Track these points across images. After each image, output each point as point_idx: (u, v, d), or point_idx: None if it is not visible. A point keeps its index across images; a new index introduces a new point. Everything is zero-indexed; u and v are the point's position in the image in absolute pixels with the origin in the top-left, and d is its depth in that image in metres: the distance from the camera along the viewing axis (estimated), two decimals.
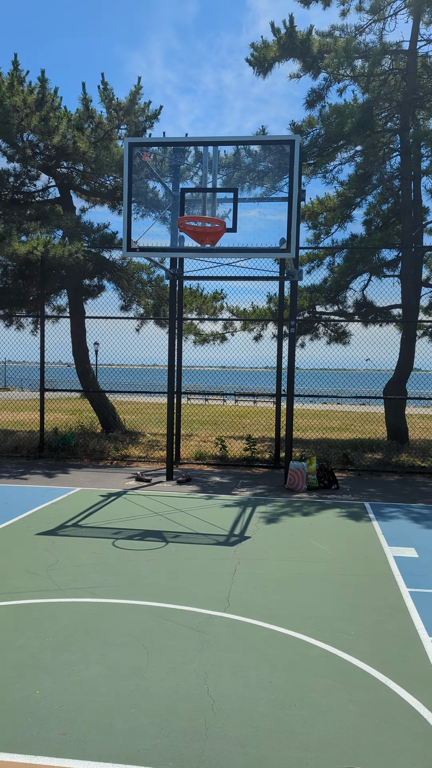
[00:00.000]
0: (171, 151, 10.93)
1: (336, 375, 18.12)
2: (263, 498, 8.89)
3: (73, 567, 5.59)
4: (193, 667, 3.76)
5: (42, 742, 2.97)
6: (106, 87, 11.83)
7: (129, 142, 7.82)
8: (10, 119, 10.59)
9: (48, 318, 13.39)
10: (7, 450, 12.57)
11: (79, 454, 12.33)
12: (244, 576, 5.45)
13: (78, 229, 12.47)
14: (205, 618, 4.51)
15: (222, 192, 7.76)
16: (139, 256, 8.20)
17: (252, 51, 11.62)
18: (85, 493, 8.94)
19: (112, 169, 12.26)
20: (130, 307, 14.79)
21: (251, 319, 15.23)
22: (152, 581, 5.26)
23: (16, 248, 10.05)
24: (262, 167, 12.30)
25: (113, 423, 14.52)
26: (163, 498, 8.76)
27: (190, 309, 15.49)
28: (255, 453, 12.19)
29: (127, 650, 3.96)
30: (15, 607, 4.63)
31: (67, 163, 12.81)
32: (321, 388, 23.78)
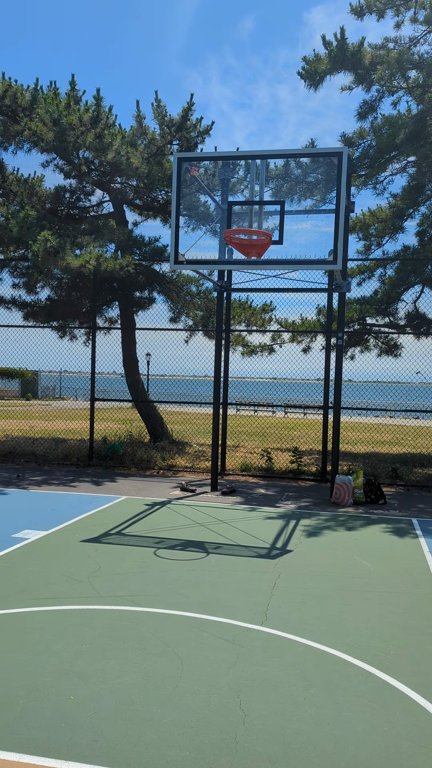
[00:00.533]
0: (221, 165, 11.06)
1: (387, 388, 17.80)
2: (308, 511, 8.80)
3: (114, 575, 5.67)
4: (226, 679, 3.75)
5: (73, 747, 3.02)
6: (159, 104, 12.08)
7: (178, 157, 7.95)
8: (66, 137, 10.93)
9: (99, 329, 13.68)
10: (58, 458, 12.86)
11: (127, 462, 12.51)
12: (283, 590, 5.41)
13: (130, 242, 12.73)
14: (241, 631, 4.49)
15: (269, 204, 7.79)
16: (185, 268, 8.31)
17: (303, 64, 11.64)
18: (130, 502, 9.06)
19: (164, 183, 12.48)
20: (179, 319, 14.96)
21: (299, 330, 15.16)
22: (191, 592, 5.28)
23: (70, 262, 10.33)
24: (312, 179, 12.27)
25: (161, 433, 14.67)
26: (206, 509, 8.78)
27: (239, 321, 15.54)
28: (301, 465, 12.08)
29: (162, 660, 3.98)
30: (55, 613, 4.73)
31: (121, 179, 13.11)
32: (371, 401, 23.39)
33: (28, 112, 11.73)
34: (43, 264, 10.15)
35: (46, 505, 8.66)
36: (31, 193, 12.11)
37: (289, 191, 12.10)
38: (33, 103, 11.60)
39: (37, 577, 5.55)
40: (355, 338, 15.06)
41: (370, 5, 11.38)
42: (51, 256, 10.00)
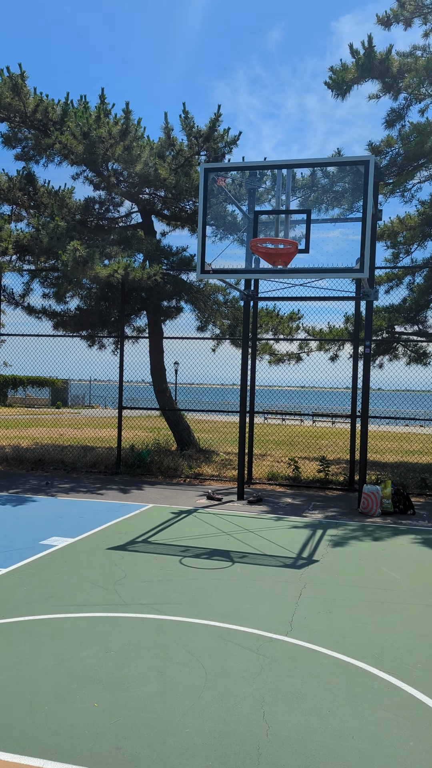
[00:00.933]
0: (247, 175, 11.11)
1: (416, 396, 17.59)
2: (335, 521, 8.72)
3: (139, 582, 5.70)
4: (250, 690, 3.74)
5: (96, 755, 3.04)
6: (187, 115, 12.20)
7: (204, 168, 8.02)
8: (96, 150, 11.11)
9: (128, 338, 13.82)
10: (86, 465, 12.99)
11: (154, 470, 12.56)
12: (309, 600, 5.37)
13: (158, 252, 12.85)
14: (266, 641, 4.47)
15: (295, 213, 7.80)
16: (212, 277, 8.36)
17: (330, 74, 11.67)
18: (157, 510, 9.09)
19: (191, 194, 12.59)
20: (206, 328, 15.02)
21: (326, 339, 15.09)
22: (216, 601, 5.28)
23: (98, 271, 10.47)
24: (339, 188, 12.25)
25: (188, 441, 14.71)
26: (232, 517, 8.77)
27: (266, 329, 15.53)
28: (329, 475, 11.99)
29: (185, 669, 3.99)
30: (81, 620, 4.77)
31: (149, 190, 13.27)
32: (400, 410, 23.10)
33: (59, 125, 11.96)
34: (72, 274, 10.31)
35: (73, 512, 8.75)
36: (61, 205, 12.32)
37: (316, 200, 12.09)
38: (64, 117, 11.83)
39: (63, 584, 5.60)
40: (383, 346, 14.92)
41: (397, 15, 11.36)
42: (80, 265, 10.15)
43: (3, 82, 11.59)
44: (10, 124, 12.72)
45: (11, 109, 11.86)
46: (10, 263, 11.53)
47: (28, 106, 11.82)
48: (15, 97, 11.64)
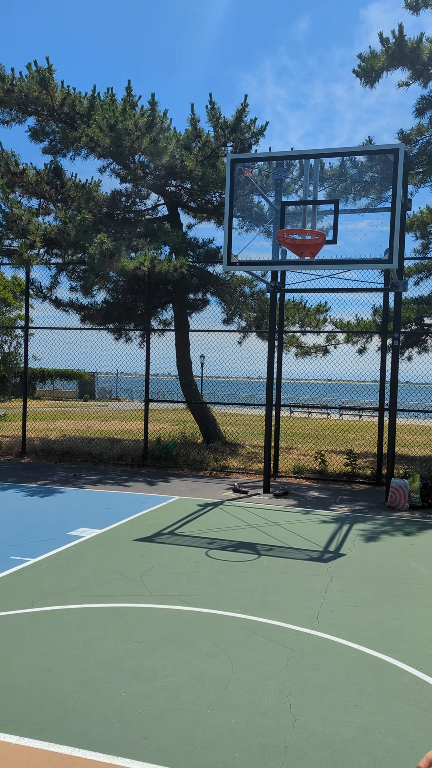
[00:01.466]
0: (274, 165, 11.00)
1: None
2: (362, 515, 8.65)
3: (166, 574, 5.71)
4: (276, 683, 3.72)
5: (123, 743, 3.06)
6: (214, 106, 12.12)
7: (231, 158, 7.96)
8: (123, 142, 11.11)
9: (154, 331, 13.85)
10: (113, 458, 13.08)
11: (180, 463, 12.60)
12: (336, 594, 5.33)
13: (184, 244, 12.82)
14: (292, 634, 4.45)
15: (323, 204, 7.70)
16: (238, 269, 8.31)
17: (359, 62, 11.46)
18: (183, 502, 9.12)
19: (217, 185, 12.52)
20: (232, 320, 14.98)
21: (354, 331, 14.92)
22: (242, 593, 5.27)
23: (125, 264, 10.49)
24: (368, 177, 12.07)
25: (214, 434, 14.71)
26: (258, 510, 8.75)
27: (293, 322, 15.43)
28: (356, 468, 11.88)
29: (212, 660, 3.99)
30: (108, 610, 4.81)
31: (176, 182, 13.24)
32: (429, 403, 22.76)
33: (86, 118, 11.99)
34: (99, 266, 10.35)
35: (101, 504, 8.82)
36: (88, 198, 12.37)
37: (345, 191, 11.93)
38: (90, 110, 11.85)
39: (91, 574, 5.65)
40: (412, 339, 14.71)
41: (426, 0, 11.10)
42: (107, 258, 10.18)
43: (31, 76, 11.65)
44: (37, 118, 12.79)
45: (39, 102, 11.93)
46: (38, 256, 11.63)
47: (55, 99, 11.87)
48: (43, 90, 11.70)
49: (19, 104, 12.07)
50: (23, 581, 5.41)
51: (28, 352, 13.75)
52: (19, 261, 10.73)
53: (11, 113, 12.39)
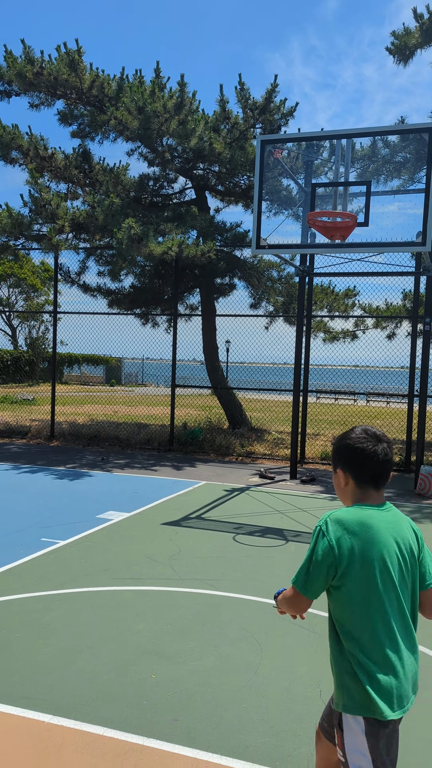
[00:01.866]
0: (304, 147, 10.82)
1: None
2: (391, 502, 8.55)
3: (194, 558, 5.73)
4: (305, 668, 3.70)
5: (154, 726, 3.07)
6: (243, 87, 11.95)
7: (261, 140, 7.83)
8: (151, 125, 11.03)
9: (181, 316, 13.84)
10: (140, 442, 13.15)
11: (206, 448, 12.61)
12: None
13: (211, 228, 12.73)
14: (321, 620, 4.42)
15: (354, 185, 7.55)
16: (267, 253, 8.21)
17: (393, 39, 11.19)
18: (209, 487, 9.13)
19: (246, 168, 12.38)
20: (259, 305, 14.87)
21: (383, 316, 14.71)
22: (270, 578, 5.25)
23: (153, 248, 10.45)
24: (400, 158, 11.80)
25: (240, 420, 14.68)
26: (285, 496, 8.72)
27: (321, 306, 15.27)
28: None
29: (241, 645, 3.98)
30: (137, 593, 4.83)
31: (203, 165, 13.12)
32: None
33: (114, 101, 11.92)
34: (127, 251, 10.33)
35: (128, 487, 8.87)
36: (116, 182, 12.33)
37: (376, 172, 11.69)
38: (119, 92, 11.77)
39: (120, 557, 5.69)
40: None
41: None
42: (135, 243, 10.16)
43: (60, 58, 11.60)
44: (66, 101, 12.76)
45: (68, 85, 11.88)
46: (67, 241, 11.65)
47: (84, 82, 11.81)
48: (72, 73, 11.64)
49: (48, 87, 12.03)
50: (54, 563, 5.47)
51: (57, 337, 13.84)
52: (48, 246, 10.76)
53: (40, 97, 12.37)
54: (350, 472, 2.06)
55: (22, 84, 11.94)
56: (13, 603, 4.55)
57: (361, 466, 2.04)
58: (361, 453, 2.03)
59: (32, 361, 40.33)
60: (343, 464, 2.08)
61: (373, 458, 2.03)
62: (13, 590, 4.79)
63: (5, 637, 3.99)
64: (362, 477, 2.05)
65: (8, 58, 11.91)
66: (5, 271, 39.06)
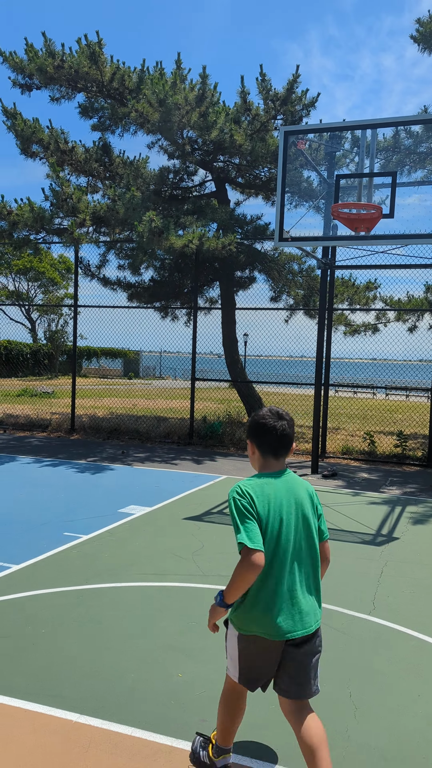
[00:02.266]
0: (327, 138, 10.67)
1: None
2: (414, 498, 8.46)
3: (217, 554, 5.70)
4: (335, 669, 3.65)
5: (183, 726, 3.04)
6: (264, 78, 11.81)
7: (285, 131, 7.74)
8: (172, 117, 10.95)
9: (201, 309, 13.78)
10: (160, 436, 13.15)
11: (226, 442, 12.58)
12: (391, 579, 5.21)
13: (232, 221, 12.64)
14: (349, 619, 4.37)
15: (379, 176, 7.42)
16: (291, 245, 8.12)
17: (417, 27, 10.98)
18: (230, 482, 9.09)
19: (267, 160, 12.26)
20: (280, 298, 14.76)
21: (406, 309, 14.53)
22: None
23: (173, 242, 10.40)
24: (424, 148, 11.61)
25: None
26: None
27: (342, 299, 15.12)
28: (406, 450, 11.64)
29: None
30: (162, 589, 4.81)
31: (224, 157, 13.02)
32: None
33: (135, 93, 11.85)
34: (147, 244, 10.29)
35: (149, 481, 8.87)
36: (136, 175, 12.28)
37: (399, 163, 11.51)
38: (140, 85, 11.70)
39: (143, 552, 5.68)
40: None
41: None
42: (155, 236, 10.11)
43: (81, 50, 11.55)
44: (87, 94, 12.72)
45: (88, 78, 11.84)
46: (87, 235, 11.64)
47: (105, 74, 11.75)
48: (92, 65, 11.59)
49: (68, 80, 12.00)
50: (78, 558, 5.47)
51: (77, 331, 13.86)
52: (70, 239, 10.76)
53: (61, 90, 12.34)
54: (255, 443, 2.52)
55: (43, 78, 11.92)
56: (39, 598, 4.55)
57: (263, 438, 2.49)
58: (263, 427, 2.49)
59: (51, 354, 40.60)
60: (251, 437, 2.54)
61: (273, 432, 2.47)
62: (38, 585, 4.80)
63: (32, 632, 3.99)
64: (264, 448, 2.50)
65: (29, 52, 11.90)
66: (24, 264, 39.30)
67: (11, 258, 37.67)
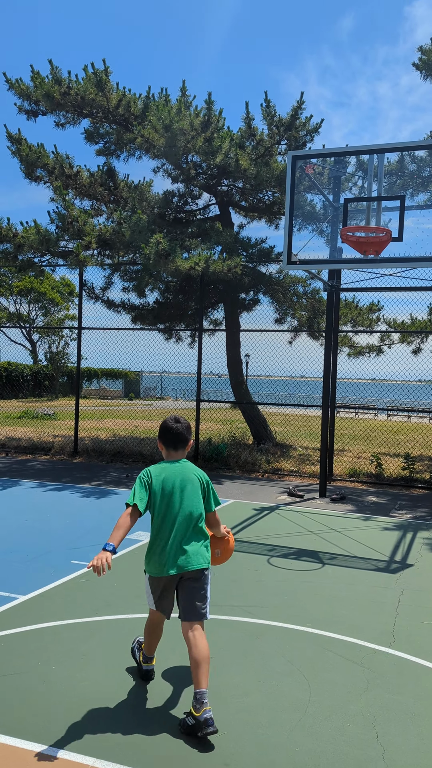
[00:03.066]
0: (331, 162, 10.73)
1: None
2: (425, 522, 8.33)
3: (229, 582, 5.57)
4: (358, 707, 3.53)
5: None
6: (269, 104, 11.93)
7: (292, 155, 7.76)
8: (177, 142, 11.03)
9: (205, 331, 13.76)
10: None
11: (232, 465, 12.46)
12: (409, 608, 5.08)
13: (236, 244, 12.67)
14: (369, 652, 4.24)
15: (388, 200, 7.44)
16: (298, 269, 8.11)
17: (420, 55, 11.12)
18: (238, 506, 8.97)
19: (271, 184, 12.33)
20: (284, 320, 14.75)
21: (411, 331, 14.51)
22: (311, 605, 5.08)
23: (180, 264, 10.40)
24: (428, 173, 11.68)
25: (264, 435, 14.52)
26: (317, 516, 8.53)
27: (345, 321, 15.11)
28: (413, 472, 11.52)
29: (287, 680, 3.82)
30: (174, 621, 4.63)
31: (227, 181, 13.10)
32: None
33: (141, 119, 11.96)
34: (154, 267, 10.29)
35: None
36: (141, 199, 12.34)
37: (403, 186, 11.57)
38: (145, 111, 11.81)
39: None
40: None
41: None
42: (162, 258, 10.11)
43: (87, 78, 11.67)
44: (92, 120, 12.83)
45: (94, 104, 11.94)
46: (93, 257, 11.65)
47: (111, 101, 11.86)
48: (99, 92, 11.71)
49: (74, 107, 12.11)
50: (86, 587, 5.34)
51: (81, 352, 13.82)
52: (75, 262, 10.76)
53: (67, 116, 12.45)
54: (161, 440, 3.55)
55: (49, 104, 12.03)
56: (48, 631, 4.43)
57: (165, 436, 3.52)
58: (165, 428, 3.53)
59: (52, 375, 40.55)
60: (159, 435, 3.56)
61: (171, 431, 3.50)
62: (47, 617, 4.67)
63: (43, 669, 3.86)
64: (166, 443, 3.54)
65: (35, 79, 12.02)
66: (25, 286, 39.45)
67: (12, 280, 37.84)
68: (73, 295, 41.36)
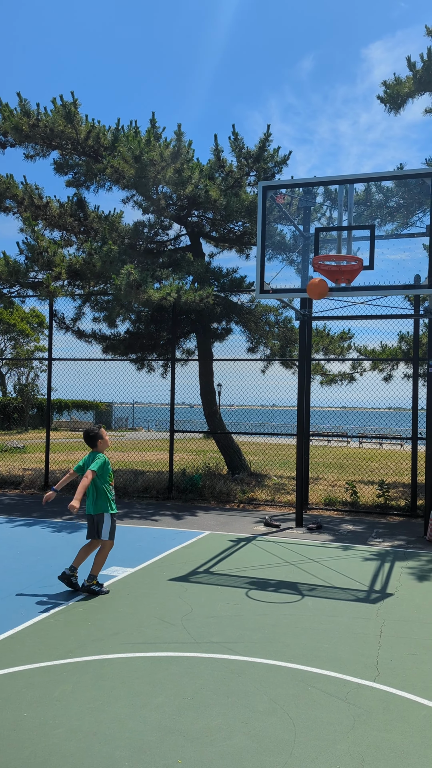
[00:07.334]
0: (300, 192, 10.89)
1: None
2: (403, 550, 8.27)
3: (207, 618, 5.40)
4: (346, 746, 3.39)
5: None
6: (237, 137, 12.13)
7: (263, 185, 7.84)
8: (147, 173, 11.09)
9: (178, 361, 13.70)
10: (138, 490, 12.80)
11: (206, 495, 12.29)
12: (391, 640, 4.98)
13: (208, 274, 12.71)
14: (353, 687, 4.11)
15: (359, 229, 7.54)
16: (272, 297, 8.13)
17: (384, 89, 11.45)
18: (214, 537, 8.80)
19: (240, 214, 12.45)
20: (257, 349, 14.78)
21: (383, 358, 14.67)
22: (291, 639, 4.94)
23: (151, 294, 10.37)
24: (393, 203, 11.93)
25: (239, 465, 14.41)
26: (294, 546, 8.41)
27: (317, 349, 15.21)
28: (389, 500, 11.51)
29: (270, 719, 3.67)
30: (152, 660, 4.50)
31: (198, 212, 13.19)
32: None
33: (110, 151, 12.02)
34: (125, 297, 10.23)
35: (129, 539, 8.53)
36: (111, 229, 12.34)
37: (370, 216, 11.80)
38: (114, 142, 11.88)
39: (129, 619, 5.35)
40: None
41: None
42: (133, 289, 10.06)
43: (56, 110, 11.72)
44: (61, 152, 12.86)
45: (64, 136, 11.98)
46: (63, 288, 11.55)
47: (80, 133, 11.92)
48: (68, 125, 11.76)
49: (43, 138, 12.13)
50: (58, 627, 5.12)
51: (51, 384, 13.61)
52: (45, 293, 10.65)
53: (36, 148, 12.46)
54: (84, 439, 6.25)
55: (18, 136, 12.03)
56: (19, 675, 4.21)
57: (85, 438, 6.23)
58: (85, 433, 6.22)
59: (21, 408, 39.89)
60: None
61: (87, 434, 6.20)
62: (18, 660, 4.44)
63: (13, 717, 3.65)
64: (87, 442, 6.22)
65: (4, 111, 12.03)
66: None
67: None
68: (43, 326, 41.01)
